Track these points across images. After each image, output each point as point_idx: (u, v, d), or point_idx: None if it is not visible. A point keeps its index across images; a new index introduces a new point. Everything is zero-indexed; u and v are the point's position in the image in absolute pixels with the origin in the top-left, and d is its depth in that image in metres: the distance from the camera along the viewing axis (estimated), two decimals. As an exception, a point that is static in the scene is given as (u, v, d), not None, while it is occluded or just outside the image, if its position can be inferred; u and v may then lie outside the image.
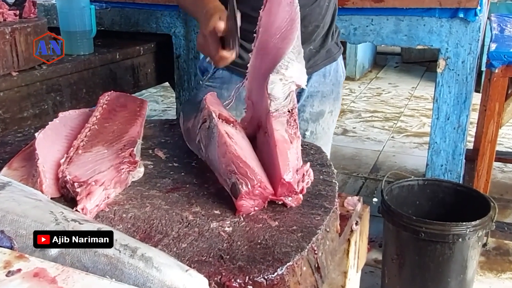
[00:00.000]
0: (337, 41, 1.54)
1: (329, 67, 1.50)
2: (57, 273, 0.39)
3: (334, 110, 1.57)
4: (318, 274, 0.67)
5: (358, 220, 0.92)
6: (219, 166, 0.76)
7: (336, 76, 1.53)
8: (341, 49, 1.56)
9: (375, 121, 4.52)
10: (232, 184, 0.71)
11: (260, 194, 0.71)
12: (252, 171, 0.71)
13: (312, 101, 1.50)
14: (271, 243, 0.64)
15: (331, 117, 1.57)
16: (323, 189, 0.78)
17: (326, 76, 1.50)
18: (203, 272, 0.57)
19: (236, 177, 0.71)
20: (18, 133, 1.06)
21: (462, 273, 1.81)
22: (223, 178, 0.75)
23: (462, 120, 1.99)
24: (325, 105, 1.52)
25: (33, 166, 0.78)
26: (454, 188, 1.99)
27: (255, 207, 0.72)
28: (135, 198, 0.75)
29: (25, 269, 0.40)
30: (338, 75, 1.54)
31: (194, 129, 0.89)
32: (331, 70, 1.51)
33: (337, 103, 1.59)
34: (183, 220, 0.69)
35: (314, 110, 1.51)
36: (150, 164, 0.87)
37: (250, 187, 0.70)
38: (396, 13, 1.95)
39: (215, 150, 0.78)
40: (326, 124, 1.55)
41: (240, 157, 0.72)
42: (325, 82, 1.50)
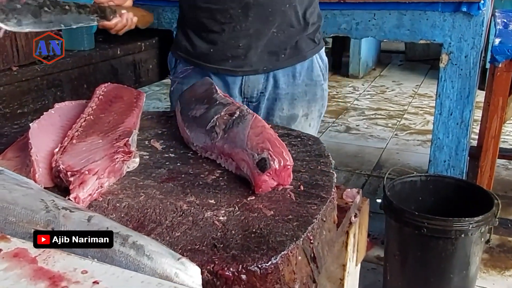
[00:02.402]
0: (313, 36, 1.40)
1: (299, 66, 1.38)
2: (38, 253, 0.39)
3: (310, 113, 1.44)
4: (314, 264, 0.66)
5: (357, 213, 0.91)
6: (249, 143, 0.76)
7: (311, 76, 1.40)
8: (320, 46, 1.43)
9: (378, 118, 4.50)
10: (262, 159, 0.72)
11: (282, 177, 0.73)
12: (287, 153, 0.74)
13: (281, 104, 1.39)
14: (266, 232, 0.63)
15: (306, 121, 1.44)
16: (320, 179, 0.77)
17: (296, 76, 1.38)
18: (196, 261, 0.56)
19: (269, 153, 0.72)
20: (15, 125, 1.06)
21: (465, 269, 1.80)
22: (249, 153, 0.74)
23: (465, 115, 1.97)
24: (297, 108, 1.40)
25: (27, 156, 0.77)
26: (457, 184, 1.98)
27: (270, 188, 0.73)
28: (130, 188, 0.74)
29: (6, 249, 0.39)
30: (314, 75, 1.41)
31: (206, 116, 0.87)
32: (303, 69, 1.39)
33: (315, 105, 1.44)
34: (177, 210, 0.68)
35: (284, 114, 1.40)
36: (146, 154, 0.86)
37: (282, 165, 0.71)
38: (399, 7, 1.94)
39: (245, 130, 0.79)
40: (301, 129, 1.33)
41: (278, 139, 0.76)
42: (295, 83, 1.38)
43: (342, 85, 5.67)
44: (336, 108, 4.84)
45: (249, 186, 0.74)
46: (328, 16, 2.02)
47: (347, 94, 5.33)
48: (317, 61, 1.41)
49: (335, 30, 2.06)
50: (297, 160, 0.83)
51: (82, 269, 0.40)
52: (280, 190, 0.74)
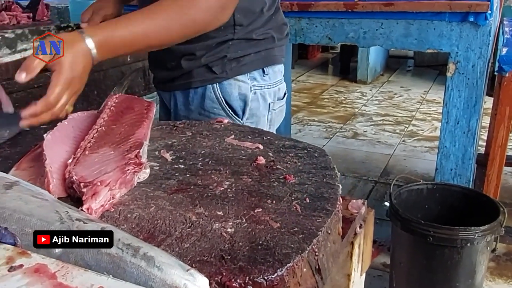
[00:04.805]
0: (211, 64, 1.27)
1: (192, 92, 1.31)
2: (57, 269, 0.41)
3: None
4: (319, 275, 0.68)
5: (362, 223, 0.92)
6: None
7: (204, 105, 1.30)
8: (217, 76, 1.28)
9: (386, 124, 4.51)
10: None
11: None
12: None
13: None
14: (272, 244, 0.65)
15: None
16: (326, 191, 0.79)
17: (190, 102, 1.32)
18: (204, 272, 0.57)
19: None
20: (28, 134, 1.08)
21: (471, 277, 1.81)
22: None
23: (472, 124, 1.98)
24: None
25: (41, 167, 0.79)
26: (463, 192, 1.99)
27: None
28: (140, 199, 0.76)
29: (27, 264, 0.41)
30: (206, 105, 1.30)
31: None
32: (195, 96, 1.31)
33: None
34: (186, 221, 0.70)
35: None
36: (156, 165, 0.88)
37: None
38: (406, 16, 1.96)
39: None
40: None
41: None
42: (189, 108, 1.33)
43: (350, 91, 5.68)
44: (344, 114, 4.86)
45: (257, 198, 0.76)
46: (335, 24, 2.04)
47: (355, 99, 5.34)
48: (216, 90, 1.29)
49: (342, 39, 2.08)
50: (303, 172, 0.85)
51: (99, 285, 0.42)
52: (286, 202, 0.75)
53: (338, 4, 2.04)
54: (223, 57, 1.26)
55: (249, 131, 1.05)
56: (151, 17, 1.06)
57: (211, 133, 1.04)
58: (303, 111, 4.99)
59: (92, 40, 0.98)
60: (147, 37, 1.06)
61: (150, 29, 1.05)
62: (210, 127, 1.08)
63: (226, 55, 1.26)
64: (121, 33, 1.03)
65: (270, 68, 1.33)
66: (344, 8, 2.03)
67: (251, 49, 1.28)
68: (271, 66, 1.33)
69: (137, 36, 1.04)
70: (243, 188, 0.80)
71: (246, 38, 1.27)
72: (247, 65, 1.29)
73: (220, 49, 1.26)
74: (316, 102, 5.28)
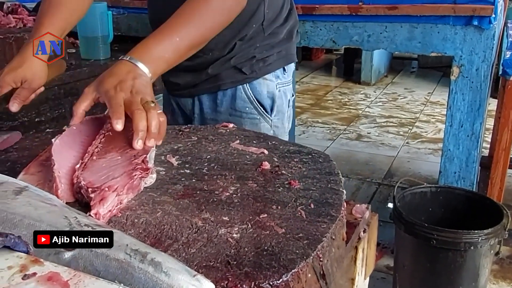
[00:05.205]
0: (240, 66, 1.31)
1: (221, 94, 1.34)
2: (69, 277, 0.42)
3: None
4: (323, 280, 0.69)
5: (366, 228, 0.93)
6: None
7: (235, 106, 1.34)
8: (247, 77, 1.32)
9: (390, 126, 4.51)
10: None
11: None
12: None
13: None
14: (277, 250, 0.66)
15: None
16: (330, 197, 0.80)
17: (218, 104, 1.35)
18: (211, 277, 0.58)
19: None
20: (36, 138, 1.10)
21: (474, 281, 1.81)
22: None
23: (475, 127, 1.99)
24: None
25: (49, 172, 0.81)
26: (467, 195, 1.99)
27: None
28: (147, 204, 0.77)
29: (40, 273, 0.43)
30: (237, 105, 1.34)
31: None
32: (224, 98, 1.34)
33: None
34: (192, 226, 0.71)
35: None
36: (162, 170, 0.89)
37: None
38: (410, 20, 1.97)
39: None
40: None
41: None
42: (217, 110, 1.36)
43: (353, 92, 5.68)
44: (347, 115, 4.86)
45: (262, 203, 0.77)
46: (340, 28, 2.05)
47: (358, 101, 5.35)
48: (246, 90, 1.34)
49: (347, 42, 2.09)
50: (308, 177, 0.86)
51: (110, 293, 0.44)
52: (291, 207, 0.76)
53: (343, 8, 2.05)
54: (251, 58, 1.31)
55: (254, 136, 1.06)
56: (185, 23, 1.06)
57: (217, 138, 1.05)
58: (307, 112, 4.99)
59: (145, 66, 0.98)
60: (191, 46, 1.07)
61: (191, 36, 1.06)
62: (215, 132, 1.09)
63: (254, 55, 1.31)
64: (170, 55, 1.03)
65: (288, 66, 1.40)
66: (348, 12, 2.04)
67: (274, 49, 1.34)
68: (290, 64, 1.40)
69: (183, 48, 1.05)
70: (248, 193, 0.81)
71: (271, 35, 1.32)
72: (272, 64, 1.35)
73: (248, 50, 1.31)
74: (320, 104, 5.29)
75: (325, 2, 2.10)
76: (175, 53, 1.04)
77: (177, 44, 1.04)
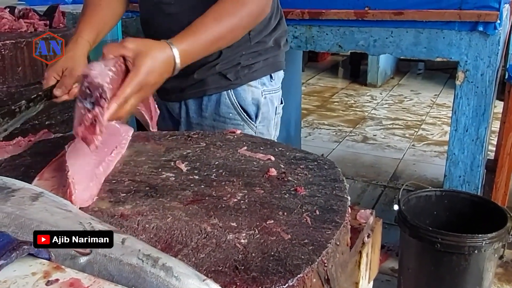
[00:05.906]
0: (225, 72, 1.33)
1: (206, 99, 1.36)
2: (90, 284, 0.44)
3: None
4: (328, 285, 0.71)
5: (370, 233, 0.95)
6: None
7: (219, 111, 1.36)
8: (232, 83, 1.34)
9: (396, 128, 4.52)
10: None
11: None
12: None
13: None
14: (283, 255, 0.68)
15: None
16: (335, 204, 0.82)
17: (203, 109, 1.37)
18: (219, 282, 0.61)
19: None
20: (48, 143, 1.13)
21: (478, 284, 1.83)
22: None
23: (480, 132, 2.00)
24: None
25: (63, 177, 0.84)
26: (472, 199, 2.01)
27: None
28: (158, 209, 0.80)
29: (62, 279, 0.45)
30: (221, 110, 1.35)
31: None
32: (209, 103, 1.36)
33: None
34: (201, 232, 0.74)
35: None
36: (172, 176, 0.92)
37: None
38: (416, 25, 1.98)
39: None
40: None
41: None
42: (202, 115, 1.38)
43: (360, 94, 5.69)
44: (353, 118, 4.87)
45: (269, 209, 0.80)
46: (346, 32, 2.07)
47: (364, 103, 5.36)
48: (231, 96, 1.35)
49: (352, 47, 2.11)
50: (314, 184, 0.88)
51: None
52: (297, 214, 0.79)
53: (349, 13, 2.07)
54: (236, 64, 1.33)
55: (261, 142, 1.08)
56: (217, 21, 1.11)
57: (225, 144, 1.07)
58: (313, 114, 5.01)
59: (177, 49, 1.02)
60: (219, 41, 1.13)
61: (221, 32, 1.12)
62: (223, 138, 1.11)
63: (239, 62, 1.33)
64: (200, 42, 1.08)
65: (276, 73, 1.41)
66: (354, 17, 2.06)
67: (261, 57, 1.36)
68: (277, 72, 1.41)
69: (212, 41, 1.11)
70: (255, 199, 0.83)
71: (258, 43, 1.34)
72: (258, 71, 1.36)
73: (234, 57, 1.33)
74: (326, 105, 5.30)
75: (331, 7, 2.12)
76: (205, 50, 1.11)
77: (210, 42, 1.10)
